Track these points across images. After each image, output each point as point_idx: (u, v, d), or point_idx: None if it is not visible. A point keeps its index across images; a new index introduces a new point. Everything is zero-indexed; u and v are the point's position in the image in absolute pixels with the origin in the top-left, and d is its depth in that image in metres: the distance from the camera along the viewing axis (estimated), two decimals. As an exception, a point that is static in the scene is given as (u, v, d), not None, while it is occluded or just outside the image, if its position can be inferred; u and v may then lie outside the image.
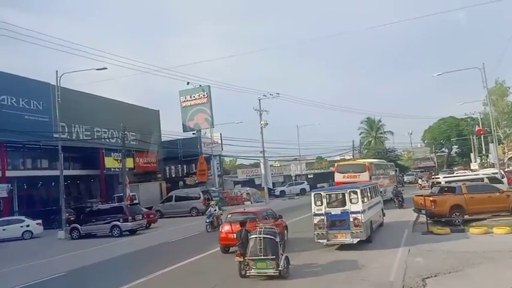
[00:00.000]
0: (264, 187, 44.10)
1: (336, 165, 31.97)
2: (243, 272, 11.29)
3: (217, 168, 47.66)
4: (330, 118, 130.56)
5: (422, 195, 20.44)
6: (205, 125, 48.65)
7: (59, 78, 27.79)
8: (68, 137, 34.66)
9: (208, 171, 46.79)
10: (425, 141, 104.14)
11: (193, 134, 49.06)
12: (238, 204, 43.27)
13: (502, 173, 31.14)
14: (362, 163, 30.29)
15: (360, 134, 77.14)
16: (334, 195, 15.16)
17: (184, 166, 48.90)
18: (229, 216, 16.03)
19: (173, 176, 48.85)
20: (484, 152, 73.12)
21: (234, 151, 50.36)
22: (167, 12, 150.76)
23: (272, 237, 11.12)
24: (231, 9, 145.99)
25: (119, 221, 23.59)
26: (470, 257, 11.87)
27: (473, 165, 66.90)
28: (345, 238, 14.05)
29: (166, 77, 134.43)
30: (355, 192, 14.39)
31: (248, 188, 46.31)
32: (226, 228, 15.05)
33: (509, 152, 63.57)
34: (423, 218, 20.63)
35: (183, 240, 20.42)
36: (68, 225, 25.85)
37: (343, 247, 14.20)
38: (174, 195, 35.31)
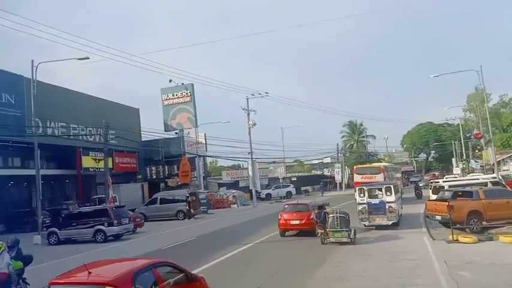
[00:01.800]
0: (251, 189, 42.27)
1: (355, 168, 35.97)
2: (323, 241, 16.04)
3: (202, 170, 45.57)
4: (314, 121, 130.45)
5: (437, 200, 19.22)
6: (188, 124, 46.52)
7: (34, 69, 25.38)
8: (43, 133, 32.02)
9: (191, 172, 44.69)
10: (404, 146, 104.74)
11: (176, 133, 46.83)
12: (224, 208, 41.45)
13: (500, 177, 30.41)
14: (378, 166, 34.33)
15: (342, 138, 76.58)
16: (374, 189, 19.98)
17: (166, 167, 46.57)
18: (286, 206, 20.08)
19: (154, 177, 46.45)
20: (464, 157, 73.64)
21: (217, 152, 48.09)
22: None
23: (345, 215, 16.06)
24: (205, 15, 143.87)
25: (103, 225, 21.37)
26: (523, 270, 10.52)
27: (456, 170, 67.14)
28: (382, 221, 18.96)
29: (145, 69, 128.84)
30: (389, 188, 19.46)
31: (234, 191, 44.43)
32: (284, 216, 19.02)
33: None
34: (434, 224, 19.60)
35: (178, 247, 18.47)
36: (44, 229, 23.40)
37: (379, 227, 18.93)
38: (159, 197, 33.14)
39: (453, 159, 77.80)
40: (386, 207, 18.85)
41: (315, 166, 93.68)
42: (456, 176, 45.15)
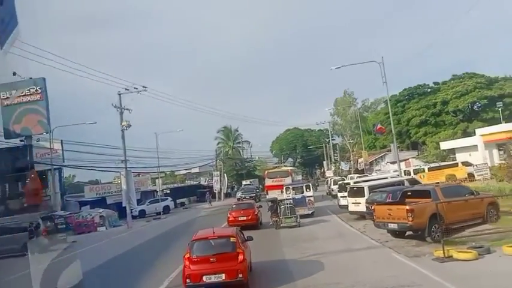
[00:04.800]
0: (124, 206, 34.45)
1: (266, 172, 39.03)
2: (277, 227, 21.23)
3: (58, 186, 36.06)
4: (195, 125, 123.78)
5: (388, 204, 15.48)
6: (39, 129, 36.55)
7: None
8: None
9: (42, 190, 35.10)
10: (274, 152, 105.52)
11: (21, 141, 36.54)
12: (89, 232, 33.05)
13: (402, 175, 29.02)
14: (286, 170, 38.22)
15: (218, 144, 72.24)
16: (297, 187, 26.05)
17: (7, 185, 36.03)
18: (234, 206, 24.22)
19: (-13, 199, 35.48)
20: (333, 160, 75.72)
21: (80, 160, 38.55)
22: None
23: (293, 205, 22.13)
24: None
25: None
26: None
27: (328, 173, 68.16)
28: (304, 211, 23.94)
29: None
30: (309, 186, 26.39)
31: (101, 210, 36.04)
32: (233, 214, 22.65)
33: (360, 159, 66.09)
34: (373, 233, 16.02)
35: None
36: None
37: (301, 216, 22.52)
38: (-5, 227, 23.76)
39: (324, 162, 79.75)
40: (307, 200, 24.75)
41: (185, 176, 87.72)
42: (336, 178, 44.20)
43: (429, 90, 58.74)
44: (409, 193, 16.06)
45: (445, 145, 48.25)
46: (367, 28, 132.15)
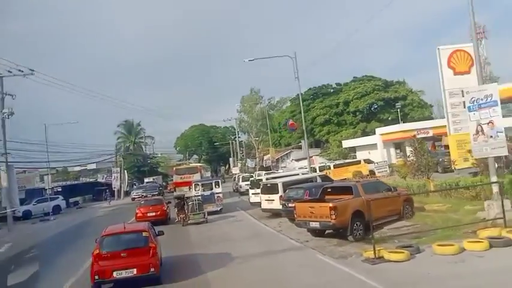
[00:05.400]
0: (5, 207, 29.49)
1: (174, 169, 37.94)
2: (184, 224, 20.91)
3: None
4: (92, 118, 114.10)
5: (309, 201, 14.53)
6: None
7: None
8: None
9: None
10: (178, 148, 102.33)
11: None
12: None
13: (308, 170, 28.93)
14: (195, 166, 37.43)
15: (118, 139, 67.35)
16: (206, 183, 26.66)
17: None
18: (142, 202, 24.40)
19: None
20: (239, 157, 75.33)
21: None
22: None
23: (200, 201, 21.83)
24: None
25: None
26: None
27: (235, 170, 67.46)
28: (213, 208, 23.74)
29: None
30: (218, 182, 26.66)
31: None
32: (142, 210, 22.45)
33: (266, 157, 66.49)
34: (290, 232, 15.08)
35: None
36: None
37: (209, 213, 22.41)
38: None
39: (230, 159, 78.92)
40: (215, 197, 24.53)
41: (80, 173, 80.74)
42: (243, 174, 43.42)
43: (332, 90, 60.87)
44: (329, 189, 15.33)
45: (346, 143, 50.08)
46: (279, 26, 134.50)
